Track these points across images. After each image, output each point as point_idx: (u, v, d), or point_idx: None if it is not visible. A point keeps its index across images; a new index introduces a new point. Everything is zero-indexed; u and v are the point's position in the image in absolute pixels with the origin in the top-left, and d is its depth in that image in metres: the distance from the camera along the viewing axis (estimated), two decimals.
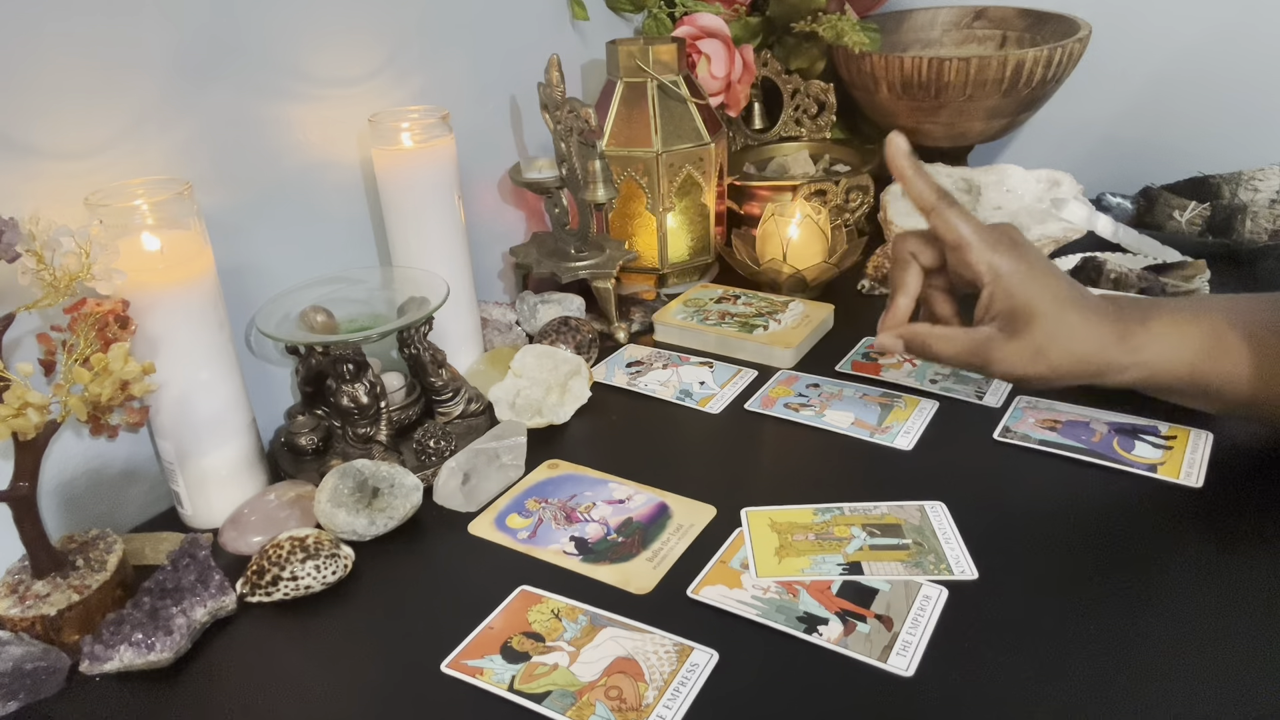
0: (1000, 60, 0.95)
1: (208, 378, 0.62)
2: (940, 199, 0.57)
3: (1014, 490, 0.63)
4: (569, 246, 0.89)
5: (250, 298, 0.70)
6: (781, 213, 0.92)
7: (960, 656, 0.50)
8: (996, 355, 0.56)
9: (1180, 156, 1.06)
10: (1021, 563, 0.56)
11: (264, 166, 0.71)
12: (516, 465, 0.68)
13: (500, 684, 0.50)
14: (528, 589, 0.57)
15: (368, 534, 0.62)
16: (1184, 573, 0.55)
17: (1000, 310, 0.56)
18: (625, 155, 0.91)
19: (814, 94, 1.10)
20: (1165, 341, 0.57)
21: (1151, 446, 0.65)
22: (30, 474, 0.53)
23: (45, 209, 0.53)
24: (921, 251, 0.59)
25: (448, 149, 0.75)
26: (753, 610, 0.54)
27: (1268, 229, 0.92)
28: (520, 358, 0.76)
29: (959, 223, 0.57)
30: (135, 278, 0.56)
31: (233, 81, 0.67)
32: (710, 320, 0.86)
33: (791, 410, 0.74)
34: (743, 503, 0.63)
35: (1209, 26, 1.06)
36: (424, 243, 0.76)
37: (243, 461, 0.66)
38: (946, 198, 0.58)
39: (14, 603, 0.54)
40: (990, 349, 0.56)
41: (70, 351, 0.53)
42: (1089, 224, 0.92)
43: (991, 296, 0.57)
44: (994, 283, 0.56)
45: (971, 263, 0.57)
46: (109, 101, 0.60)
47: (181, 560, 0.56)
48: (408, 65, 0.80)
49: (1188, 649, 0.49)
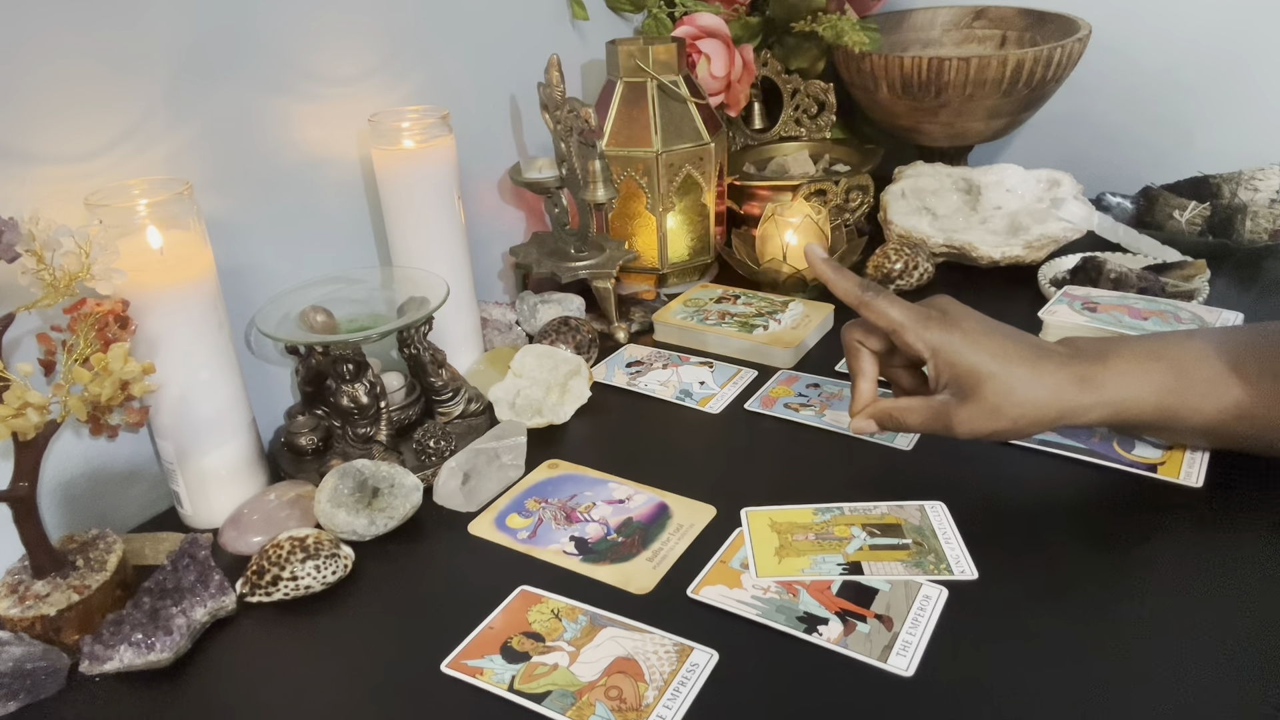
0: (1000, 60, 0.95)
1: (208, 378, 0.62)
2: (865, 291, 0.60)
3: (1014, 490, 0.63)
4: (569, 246, 0.89)
5: (250, 298, 0.70)
6: (781, 213, 0.92)
7: (960, 656, 0.50)
8: (956, 419, 0.58)
9: (1180, 156, 1.07)
10: (1021, 563, 0.56)
11: (264, 166, 0.71)
12: (516, 465, 0.68)
13: (500, 684, 0.50)
14: (528, 589, 0.57)
15: (368, 534, 0.62)
16: (1184, 572, 0.55)
17: (947, 380, 0.59)
18: (625, 155, 0.91)
19: (814, 94, 1.10)
20: (1127, 378, 0.58)
21: (1151, 446, 0.65)
22: (30, 474, 0.53)
23: (45, 209, 0.53)
24: (867, 339, 0.62)
25: (448, 149, 0.75)
26: (753, 610, 0.54)
27: (1268, 229, 0.92)
28: (520, 358, 0.76)
29: (887, 309, 0.59)
30: (135, 278, 0.56)
31: (233, 82, 0.67)
32: (710, 320, 0.86)
33: (791, 410, 0.74)
34: (743, 503, 0.63)
35: (1209, 26, 1.06)
36: (424, 243, 0.76)
37: (243, 461, 0.66)
38: (871, 289, 0.60)
39: (14, 603, 0.54)
40: (949, 414, 0.58)
41: (70, 351, 0.53)
42: (1089, 224, 0.92)
43: (935, 369, 0.59)
44: (934, 357, 0.59)
45: (909, 343, 0.59)
46: (109, 102, 0.60)
47: (181, 560, 0.56)
48: (407, 65, 0.80)
49: (1188, 649, 0.49)
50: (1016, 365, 0.57)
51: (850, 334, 0.63)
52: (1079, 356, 0.59)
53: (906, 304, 0.60)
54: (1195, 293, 0.84)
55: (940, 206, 0.99)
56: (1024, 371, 0.57)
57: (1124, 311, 0.76)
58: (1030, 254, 0.91)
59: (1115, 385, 0.58)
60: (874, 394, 0.62)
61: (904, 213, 0.97)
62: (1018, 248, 0.91)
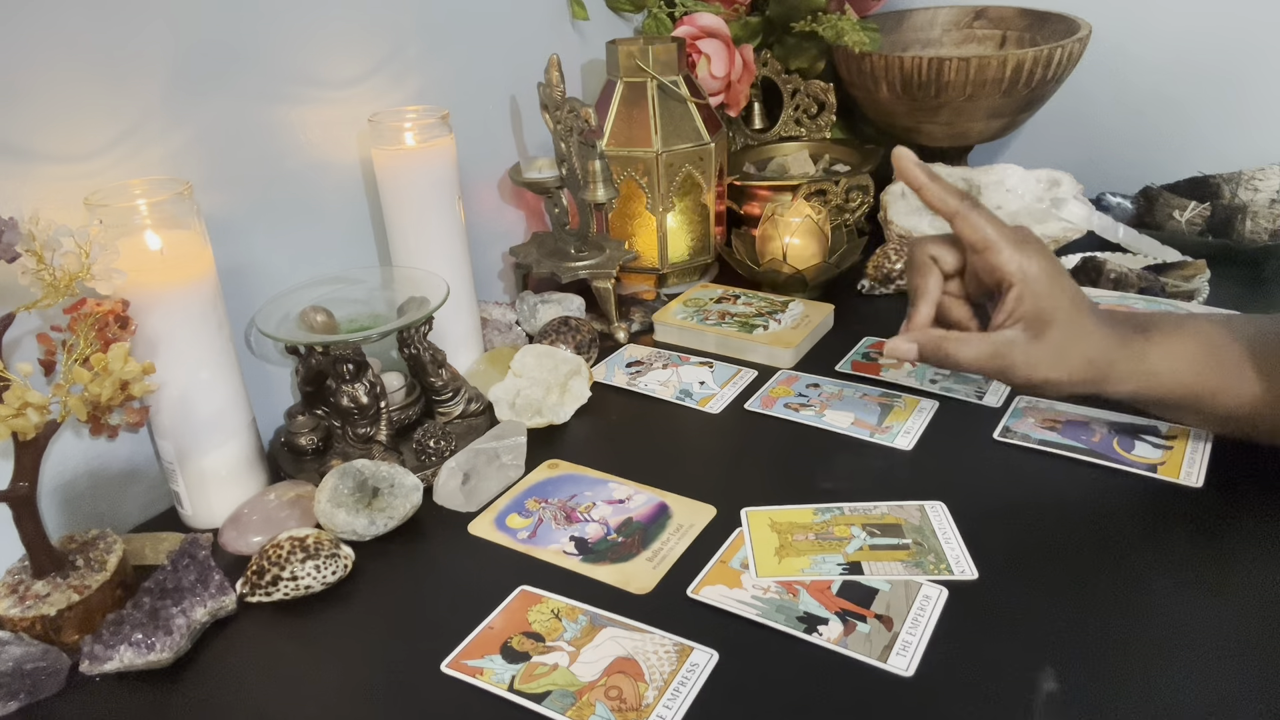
0: (1000, 60, 0.95)
1: (208, 378, 0.62)
2: (963, 202, 0.57)
3: (1014, 490, 0.63)
4: (569, 246, 0.89)
5: (250, 298, 0.70)
6: (781, 213, 0.92)
7: (960, 656, 0.50)
8: (1019, 359, 0.56)
9: (1180, 156, 1.07)
10: (1021, 563, 0.56)
11: (264, 166, 0.71)
12: (516, 465, 0.68)
13: (500, 684, 0.50)
14: (528, 589, 0.57)
15: (368, 534, 0.62)
16: (1184, 572, 0.55)
17: (1027, 312, 0.56)
18: (625, 155, 0.91)
19: (814, 94, 1.10)
20: (1166, 351, 0.57)
21: (1151, 446, 0.65)
22: (30, 474, 0.53)
23: (45, 209, 0.53)
24: (943, 256, 0.58)
25: (448, 149, 0.75)
26: (753, 610, 0.54)
27: (1268, 229, 0.92)
28: (520, 358, 0.76)
29: (984, 225, 0.56)
30: (135, 278, 0.56)
31: (233, 82, 0.67)
32: (710, 320, 0.86)
33: (791, 410, 0.74)
34: (743, 503, 0.63)
35: (1209, 26, 1.06)
36: (424, 243, 0.76)
37: (243, 461, 0.66)
38: (969, 200, 0.57)
39: (14, 603, 0.54)
40: (1013, 352, 0.56)
41: (70, 351, 0.53)
42: (1089, 224, 0.92)
43: (1019, 298, 0.56)
44: (1023, 284, 0.55)
45: (999, 264, 0.55)
46: (110, 102, 0.60)
47: (181, 560, 0.56)
48: (407, 65, 0.80)
49: (1187, 649, 0.49)
50: (1086, 315, 0.56)
51: (923, 248, 0.59)
52: (1123, 323, 0.57)
53: (1002, 222, 0.56)
54: (1195, 293, 0.84)
55: None
56: (1090, 323, 0.56)
57: None
58: None
59: (1155, 356, 0.57)
60: (931, 319, 0.59)
61: (904, 213, 0.97)
62: None
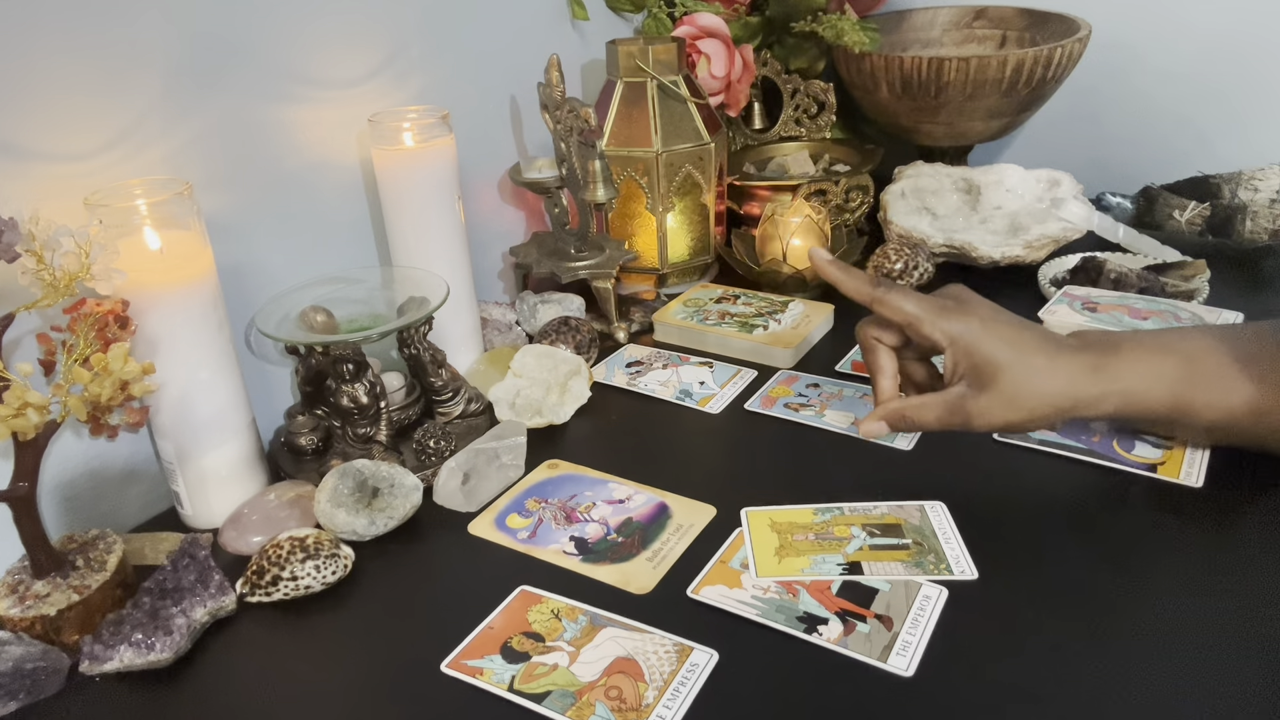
0: (1000, 60, 0.95)
1: (208, 378, 0.62)
2: (877, 288, 0.60)
3: (1014, 490, 0.63)
4: (569, 246, 0.89)
5: (250, 298, 0.70)
6: (781, 213, 0.92)
7: (960, 656, 0.50)
8: (974, 410, 0.58)
9: (1180, 156, 1.06)
10: (1021, 563, 0.56)
11: (264, 166, 0.71)
12: (516, 465, 0.68)
13: (500, 684, 0.50)
14: (528, 589, 0.57)
15: (368, 534, 0.62)
16: (1184, 572, 0.55)
17: (965, 370, 0.58)
18: (625, 155, 0.91)
19: (814, 94, 1.10)
20: (1140, 369, 0.58)
21: (1151, 446, 0.65)
22: (30, 474, 0.53)
23: (45, 209, 0.53)
24: (883, 335, 0.62)
25: (448, 149, 0.75)
26: (753, 610, 0.54)
27: (1268, 229, 0.92)
28: (520, 358, 0.76)
29: (902, 302, 0.59)
30: (135, 278, 0.56)
31: (233, 82, 0.67)
32: (710, 320, 0.86)
33: (791, 410, 0.74)
34: (743, 503, 0.63)
35: (1209, 26, 1.06)
36: (424, 243, 0.76)
37: (242, 461, 0.66)
38: (883, 284, 0.60)
39: (14, 603, 0.54)
40: (965, 405, 0.58)
41: (70, 351, 0.53)
42: (1089, 224, 0.92)
43: (953, 359, 0.59)
44: (951, 346, 0.58)
45: (926, 335, 0.59)
46: (109, 101, 0.60)
47: (181, 560, 0.56)
48: (407, 65, 0.80)
49: (1187, 649, 0.49)
50: (1033, 355, 0.57)
51: (865, 331, 0.63)
52: (1092, 347, 0.59)
53: (920, 295, 0.60)
54: (1195, 293, 0.84)
55: (940, 206, 0.99)
56: (1040, 361, 0.57)
57: (1124, 311, 0.76)
58: (1030, 254, 0.91)
59: (1129, 375, 0.58)
60: (895, 390, 0.62)
61: (904, 213, 0.97)
62: (1018, 248, 0.91)
